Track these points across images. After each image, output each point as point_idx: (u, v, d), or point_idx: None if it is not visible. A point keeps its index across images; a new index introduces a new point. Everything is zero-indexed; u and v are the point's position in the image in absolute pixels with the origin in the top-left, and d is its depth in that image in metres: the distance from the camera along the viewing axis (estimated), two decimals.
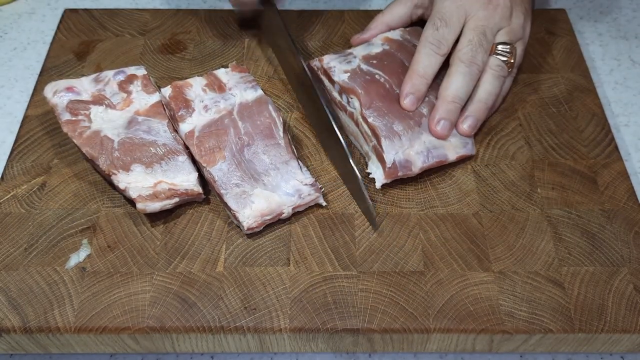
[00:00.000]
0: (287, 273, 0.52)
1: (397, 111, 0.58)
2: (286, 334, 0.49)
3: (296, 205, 0.54)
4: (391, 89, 0.59)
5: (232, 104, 0.58)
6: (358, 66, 0.61)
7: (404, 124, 0.57)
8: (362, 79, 0.59)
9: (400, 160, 0.56)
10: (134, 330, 0.49)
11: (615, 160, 0.60)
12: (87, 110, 0.58)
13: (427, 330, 0.49)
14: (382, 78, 0.59)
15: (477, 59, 0.59)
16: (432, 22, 0.60)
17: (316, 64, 0.62)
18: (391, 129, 0.56)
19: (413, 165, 0.56)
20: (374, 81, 0.59)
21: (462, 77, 0.58)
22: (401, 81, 0.59)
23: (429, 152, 0.57)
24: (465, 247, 0.54)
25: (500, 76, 0.60)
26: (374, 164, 0.58)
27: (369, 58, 0.61)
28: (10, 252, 0.53)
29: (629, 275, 0.52)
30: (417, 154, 0.56)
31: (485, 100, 0.59)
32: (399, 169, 0.56)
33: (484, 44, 0.59)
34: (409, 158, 0.56)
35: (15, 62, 0.73)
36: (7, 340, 0.49)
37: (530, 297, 0.51)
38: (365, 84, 0.59)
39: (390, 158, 0.56)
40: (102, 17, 0.72)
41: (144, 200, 0.53)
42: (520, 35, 0.62)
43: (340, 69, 0.60)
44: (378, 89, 0.59)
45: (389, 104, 0.58)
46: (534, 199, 0.57)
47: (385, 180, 0.56)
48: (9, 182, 0.57)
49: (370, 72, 0.60)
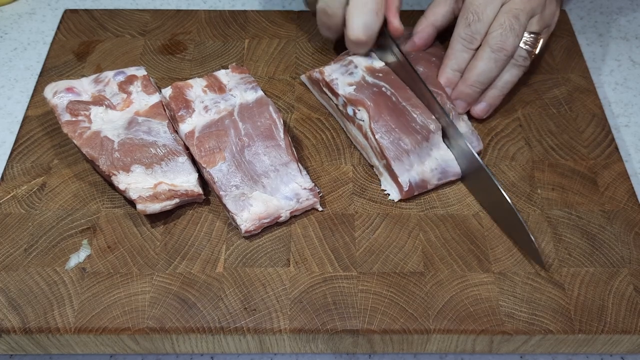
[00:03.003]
0: (287, 274, 0.52)
1: (404, 126, 0.57)
2: (286, 335, 0.49)
3: (294, 209, 0.54)
4: (398, 102, 0.58)
5: (233, 105, 0.58)
6: (363, 78, 0.60)
7: (412, 139, 0.56)
8: (370, 91, 0.59)
9: (416, 181, 0.56)
10: (134, 331, 0.49)
11: (616, 161, 0.60)
12: (87, 111, 0.58)
13: (427, 331, 0.49)
14: (389, 91, 0.59)
15: (507, 44, 0.58)
16: (464, 17, 0.59)
17: (317, 76, 0.62)
18: (399, 147, 0.56)
19: (429, 184, 0.56)
20: (382, 94, 0.59)
21: (488, 62, 0.58)
22: (408, 95, 0.59)
23: (443, 169, 0.57)
24: (465, 247, 0.54)
25: (521, 66, 0.60)
26: (387, 182, 0.57)
27: (374, 71, 0.61)
28: (10, 253, 0.53)
29: (629, 276, 0.52)
30: (432, 171, 0.56)
31: (502, 88, 0.61)
32: (415, 189, 0.56)
33: (515, 27, 0.58)
34: (424, 177, 0.56)
35: (15, 63, 0.73)
36: (7, 340, 0.50)
37: (530, 298, 0.51)
38: (373, 96, 0.58)
39: (405, 180, 0.55)
40: (102, 17, 0.72)
41: (144, 201, 0.53)
42: (549, 22, 0.61)
43: (343, 82, 0.60)
44: (386, 102, 0.58)
45: (396, 118, 0.57)
46: (534, 199, 0.57)
47: (400, 198, 0.56)
48: (9, 182, 0.57)
49: (377, 84, 0.59)
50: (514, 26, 0.58)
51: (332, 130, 0.62)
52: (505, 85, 0.60)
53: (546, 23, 0.60)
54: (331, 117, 0.63)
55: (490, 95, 0.61)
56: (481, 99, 0.61)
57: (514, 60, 0.59)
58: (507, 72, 0.60)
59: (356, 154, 0.60)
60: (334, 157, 0.60)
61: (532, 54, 0.60)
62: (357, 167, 0.59)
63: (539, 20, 0.60)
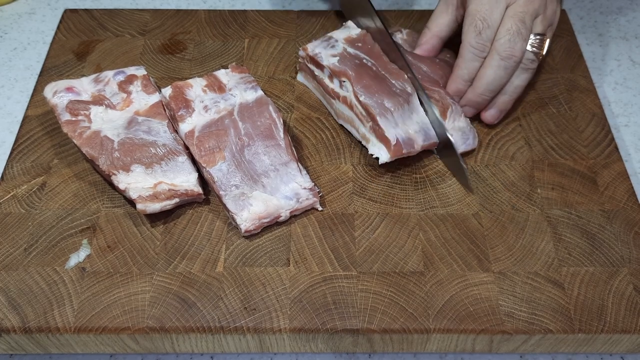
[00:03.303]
0: (287, 273, 0.52)
1: (386, 90, 0.58)
2: (286, 334, 0.49)
3: (294, 209, 0.54)
4: (378, 72, 0.60)
5: (233, 105, 0.58)
6: (344, 50, 0.62)
7: (394, 100, 0.58)
8: (352, 62, 0.61)
9: (403, 138, 0.57)
10: (134, 331, 0.49)
11: (615, 160, 0.60)
12: (87, 111, 0.58)
13: (426, 331, 0.49)
14: (369, 62, 0.61)
15: (516, 50, 0.57)
16: (473, 24, 0.58)
17: (301, 54, 0.63)
18: (383, 106, 0.57)
19: (415, 143, 0.57)
20: (363, 65, 0.60)
21: (497, 70, 0.58)
22: (385, 63, 0.60)
23: (425, 132, 0.58)
24: (465, 247, 0.54)
25: (530, 69, 0.59)
26: (375, 145, 0.58)
27: (353, 41, 0.63)
28: (10, 252, 0.53)
29: (628, 276, 0.52)
30: (416, 132, 0.57)
31: (512, 93, 0.60)
32: (403, 146, 0.56)
33: (522, 32, 0.57)
34: (410, 136, 0.57)
35: (15, 62, 0.73)
36: (7, 340, 0.49)
37: (530, 297, 0.51)
38: (355, 67, 0.60)
39: (393, 135, 0.56)
40: (102, 17, 0.72)
41: (144, 201, 0.53)
42: (552, 21, 0.61)
43: (326, 54, 0.62)
44: (367, 71, 0.60)
45: (378, 84, 0.59)
46: (533, 199, 0.57)
47: (390, 158, 0.56)
48: (9, 182, 0.57)
49: (358, 56, 0.61)
50: (521, 30, 0.57)
51: (332, 130, 0.62)
52: (515, 90, 0.60)
53: (549, 22, 0.60)
54: (331, 117, 0.63)
55: (501, 102, 0.60)
56: (491, 105, 0.61)
57: (522, 65, 0.59)
58: (517, 77, 0.59)
59: (356, 154, 0.60)
60: (333, 156, 0.60)
61: (539, 56, 0.59)
62: (357, 167, 0.59)
63: (543, 20, 0.59)
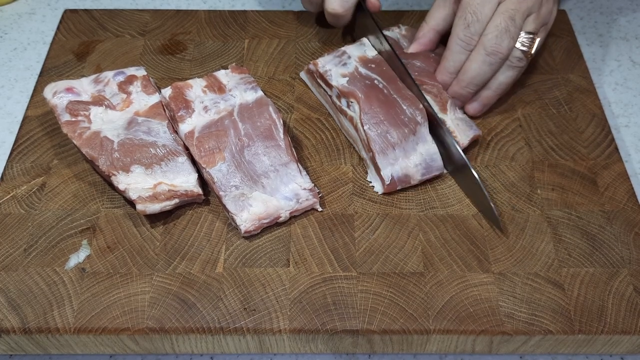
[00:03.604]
0: (287, 274, 0.52)
1: (393, 119, 0.57)
2: (286, 335, 0.49)
3: (294, 209, 0.54)
4: (389, 95, 0.59)
5: (232, 105, 0.58)
6: (356, 69, 0.60)
7: (399, 132, 0.57)
8: (362, 83, 0.59)
9: (399, 175, 0.56)
10: (134, 331, 0.49)
11: (616, 161, 0.60)
12: (87, 111, 0.58)
13: (426, 332, 0.49)
14: (381, 84, 0.59)
15: (502, 47, 0.57)
16: (462, 17, 0.58)
17: (311, 68, 0.62)
18: (385, 139, 0.56)
19: (412, 179, 0.57)
20: (374, 86, 0.59)
21: (482, 65, 0.58)
22: (398, 87, 0.59)
23: (427, 164, 0.57)
24: (465, 248, 0.54)
25: (516, 67, 0.59)
26: (373, 175, 0.58)
27: (367, 61, 0.61)
28: (9, 253, 0.53)
29: (629, 277, 0.52)
30: (416, 166, 0.56)
31: (496, 89, 0.61)
32: (397, 184, 0.56)
33: (511, 29, 0.57)
34: (407, 172, 0.56)
35: (15, 63, 0.73)
36: (6, 340, 0.49)
37: (530, 298, 0.51)
38: (365, 89, 0.59)
39: (388, 175, 0.56)
40: (102, 17, 0.72)
41: (144, 202, 0.53)
42: (546, 20, 0.60)
43: (337, 72, 0.60)
44: (377, 95, 0.58)
45: (386, 111, 0.57)
46: (533, 200, 0.57)
47: (383, 192, 0.57)
48: (9, 182, 0.57)
49: (370, 76, 0.60)
50: (510, 28, 0.57)
51: (332, 131, 0.62)
52: (499, 86, 0.60)
53: (543, 21, 0.60)
54: (331, 117, 0.63)
55: (484, 96, 0.61)
56: (475, 98, 0.61)
57: (508, 62, 0.59)
58: (502, 73, 0.60)
59: (356, 154, 0.60)
60: (333, 157, 0.60)
61: (528, 55, 0.59)
62: (357, 167, 0.59)
63: (535, 19, 0.59)
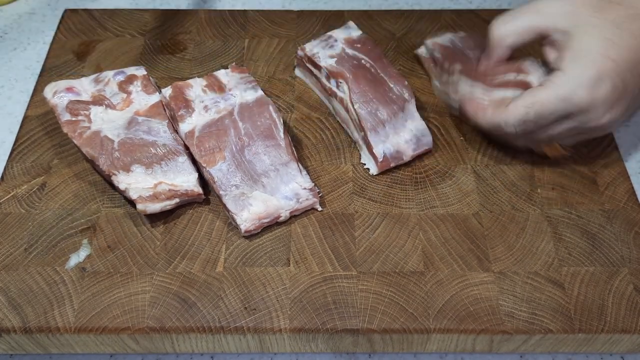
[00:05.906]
0: (287, 273, 0.52)
1: (382, 96, 0.58)
2: (286, 334, 0.49)
3: (294, 209, 0.54)
4: (377, 74, 0.60)
5: (233, 105, 0.58)
6: (343, 50, 0.62)
7: (388, 109, 0.58)
8: (350, 63, 0.60)
9: (391, 152, 0.57)
10: (134, 331, 0.49)
11: (615, 160, 0.60)
12: (87, 111, 0.58)
13: (427, 331, 0.49)
14: (368, 63, 0.60)
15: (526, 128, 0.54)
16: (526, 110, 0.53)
17: (299, 53, 0.63)
18: (376, 117, 0.57)
19: (404, 155, 0.57)
20: (361, 66, 0.60)
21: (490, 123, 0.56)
22: (385, 66, 0.60)
23: (418, 139, 0.58)
24: (465, 247, 0.54)
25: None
26: (366, 155, 0.58)
27: (352, 42, 0.62)
28: (10, 252, 0.53)
29: (629, 276, 0.52)
30: (407, 142, 0.57)
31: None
32: (390, 160, 0.57)
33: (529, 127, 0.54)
34: (399, 148, 0.57)
35: (15, 62, 0.73)
36: (7, 340, 0.49)
37: (530, 297, 0.51)
38: (353, 69, 0.60)
39: (380, 152, 0.57)
40: (102, 17, 0.72)
41: (144, 201, 0.53)
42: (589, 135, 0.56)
43: (324, 54, 0.61)
44: (365, 74, 0.59)
45: (374, 89, 0.58)
46: (534, 199, 0.57)
47: (378, 171, 0.57)
48: (9, 182, 0.57)
49: (357, 56, 0.61)
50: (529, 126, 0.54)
51: (332, 130, 0.62)
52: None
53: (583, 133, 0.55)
54: (331, 116, 0.63)
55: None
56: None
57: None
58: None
59: (356, 154, 0.60)
60: (333, 156, 0.60)
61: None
62: (357, 167, 0.59)
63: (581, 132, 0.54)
